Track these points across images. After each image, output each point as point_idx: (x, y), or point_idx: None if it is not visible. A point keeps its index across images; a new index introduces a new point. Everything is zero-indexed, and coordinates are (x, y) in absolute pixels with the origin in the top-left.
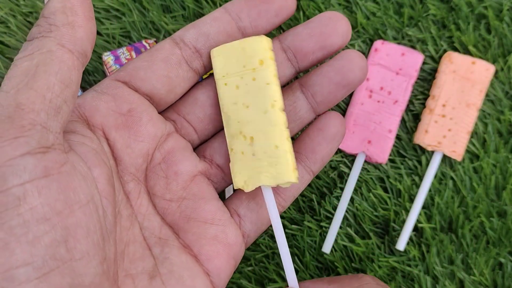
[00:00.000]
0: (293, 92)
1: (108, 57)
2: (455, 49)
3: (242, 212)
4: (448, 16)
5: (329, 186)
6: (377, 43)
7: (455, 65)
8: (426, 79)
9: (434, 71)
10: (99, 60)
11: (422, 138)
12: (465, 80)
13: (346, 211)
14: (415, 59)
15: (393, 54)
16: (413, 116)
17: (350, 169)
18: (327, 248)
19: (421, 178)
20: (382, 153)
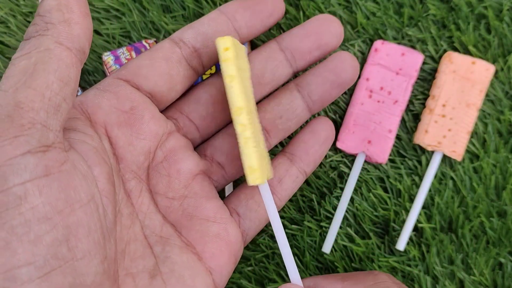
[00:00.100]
0: (290, 92)
1: (108, 57)
2: (455, 49)
3: (241, 211)
4: (448, 16)
5: (329, 186)
6: (377, 43)
7: (455, 65)
8: (426, 79)
9: (434, 71)
10: (99, 60)
11: (422, 138)
12: (465, 80)
13: (346, 211)
14: (415, 59)
15: (393, 54)
16: (413, 116)
17: (350, 169)
18: (327, 248)
19: (421, 178)
20: (382, 153)
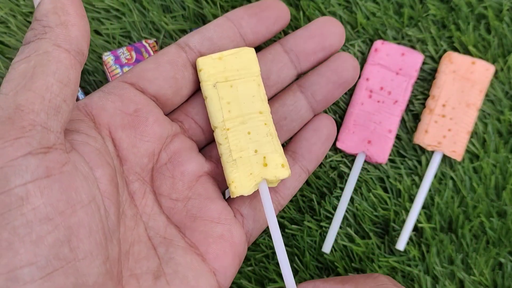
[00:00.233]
0: (293, 93)
1: (108, 57)
2: (455, 49)
3: (245, 211)
4: (448, 16)
5: (329, 186)
6: (377, 43)
7: (455, 65)
8: (426, 79)
9: (434, 71)
10: (99, 60)
11: (422, 138)
12: (465, 80)
13: (346, 211)
14: (415, 59)
15: (393, 54)
16: (413, 116)
17: (350, 169)
18: (327, 248)
19: (421, 178)
20: (382, 153)
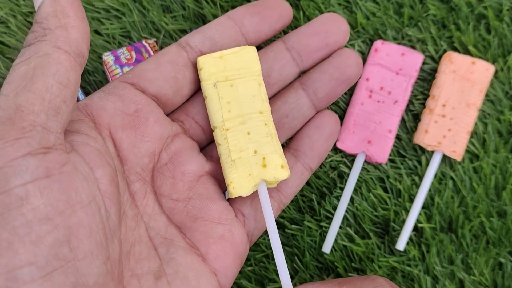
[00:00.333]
0: (295, 91)
1: (108, 57)
2: (455, 49)
3: (246, 211)
4: (448, 16)
5: (329, 186)
6: (377, 43)
7: (455, 65)
8: (426, 79)
9: (434, 71)
10: (99, 60)
11: (422, 138)
12: (465, 80)
13: (346, 211)
14: (415, 59)
15: (393, 54)
16: (413, 116)
17: (350, 169)
18: (327, 248)
19: (421, 178)
20: (382, 153)
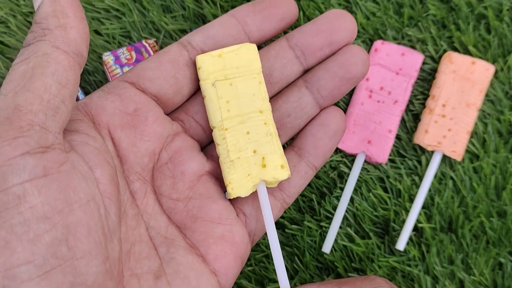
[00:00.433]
0: (298, 89)
1: (108, 57)
2: (455, 49)
3: (248, 210)
4: (448, 16)
5: (329, 186)
6: (377, 43)
7: (455, 65)
8: (426, 79)
9: (434, 71)
10: (99, 60)
11: (422, 138)
12: (465, 80)
13: (346, 211)
14: (415, 59)
15: (393, 54)
16: (413, 116)
17: (350, 169)
18: (327, 248)
19: (421, 178)
20: (382, 153)
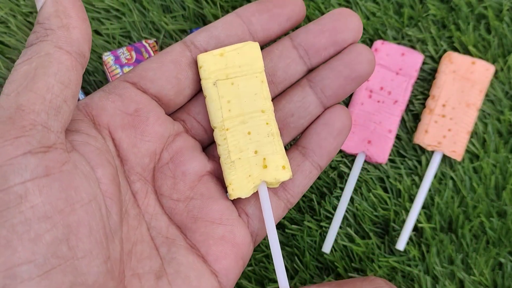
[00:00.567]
0: (302, 88)
1: (108, 57)
2: (455, 49)
3: (250, 211)
4: (448, 16)
5: (329, 186)
6: (377, 43)
7: (455, 65)
8: (426, 79)
9: (434, 71)
10: (99, 60)
11: (422, 138)
12: (465, 80)
13: (346, 211)
14: (415, 59)
15: (393, 54)
16: (413, 116)
17: (350, 169)
18: (327, 248)
19: (421, 178)
20: (382, 153)
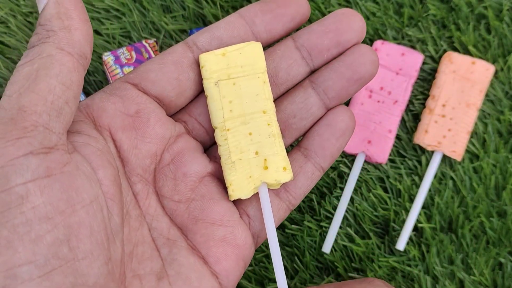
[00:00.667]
0: (304, 89)
1: (108, 57)
2: (455, 49)
3: (252, 212)
4: (448, 16)
5: (329, 186)
6: (377, 43)
7: (455, 65)
8: (426, 79)
9: (434, 71)
10: (99, 60)
11: (422, 138)
12: (465, 80)
13: (346, 211)
14: (415, 59)
15: (393, 54)
16: (413, 116)
17: (350, 169)
18: (327, 248)
19: (421, 178)
20: (382, 153)
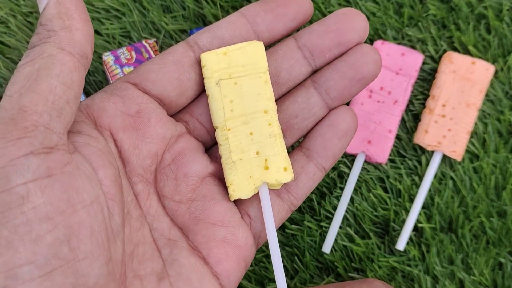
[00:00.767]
0: (306, 89)
1: (108, 57)
2: (455, 49)
3: (253, 212)
4: (448, 16)
5: (329, 186)
6: (377, 43)
7: (455, 65)
8: (426, 79)
9: (434, 71)
10: (99, 60)
11: (422, 138)
12: (465, 80)
13: (346, 211)
14: (415, 59)
15: (393, 54)
16: (413, 116)
17: (350, 169)
18: (327, 248)
19: (421, 178)
20: (382, 153)
